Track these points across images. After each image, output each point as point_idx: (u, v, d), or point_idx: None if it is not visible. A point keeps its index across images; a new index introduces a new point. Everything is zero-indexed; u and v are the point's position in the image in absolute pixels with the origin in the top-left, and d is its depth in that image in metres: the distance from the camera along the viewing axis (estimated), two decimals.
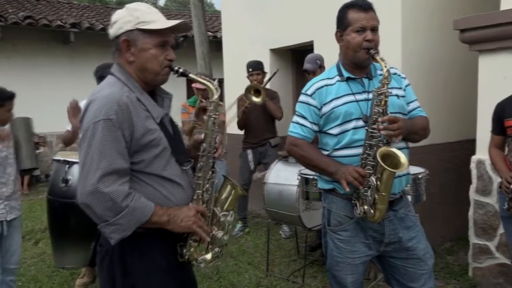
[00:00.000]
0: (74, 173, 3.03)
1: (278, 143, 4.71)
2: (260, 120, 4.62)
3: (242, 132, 4.83)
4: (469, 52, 3.38)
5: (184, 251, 1.60)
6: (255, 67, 4.62)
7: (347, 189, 1.86)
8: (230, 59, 6.08)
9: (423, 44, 3.89)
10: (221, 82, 6.28)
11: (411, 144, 2.32)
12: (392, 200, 1.96)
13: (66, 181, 3.01)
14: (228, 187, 1.68)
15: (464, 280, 3.38)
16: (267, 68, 5.08)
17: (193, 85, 4.47)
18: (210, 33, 9.43)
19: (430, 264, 2.04)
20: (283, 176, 3.51)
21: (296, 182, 3.35)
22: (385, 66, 1.87)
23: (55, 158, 3.17)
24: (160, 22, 1.57)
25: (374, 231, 1.98)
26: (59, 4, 10.80)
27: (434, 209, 4.04)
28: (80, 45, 8.80)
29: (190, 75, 1.64)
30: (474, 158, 3.31)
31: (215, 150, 1.65)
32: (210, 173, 1.63)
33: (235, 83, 5.44)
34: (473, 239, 3.34)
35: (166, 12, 11.34)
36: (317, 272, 3.67)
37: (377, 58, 1.90)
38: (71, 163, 3.06)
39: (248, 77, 4.65)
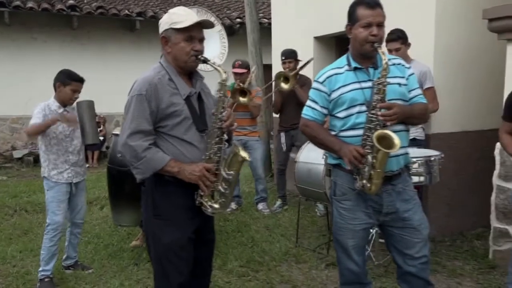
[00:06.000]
0: None
1: None
2: (292, 106, 4.92)
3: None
4: (500, 41, 3.44)
5: (198, 197, 2.07)
6: (287, 55, 4.90)
7: (349, 166, 2.16)
8: (277, 45, 6.34)
9: (457, 34, 3.95)
10: (270, 68, 6.61)
11: (442, 130, 2.34)
12: (391, 176, 2.23)
13: (121, 152, 3.52)
14: (233, 153, 2.07)
15: (484, 262, 3.52)
16: (311, 55, 5.33)
17: (232, 70, 4.82)
18: (265, 20, 9.73)
19: (424, 234, 2.28)
20: (313, 156, 3.79)
21: (323, 162, 3.63)
22: (385, 59, 2.12)
23: (114, 132, 3.72)
24: (187, 21, 2.01)
25: (374, 202, 2.26)
26: None
27: (467, 196, 4.14)
28: (144, 32, 9.51)
29: (209, 62, 2.07)
30: (498, 144, 3.39)
31: (222, 122, 2.05)
32: (216, 139, 2.04)
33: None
34: (494, 223, 3.46)
35: (220, 1, 11.70)
36: None
37: (379, 51, 2.16)
38: None
39: (282, 64, 4.94)
